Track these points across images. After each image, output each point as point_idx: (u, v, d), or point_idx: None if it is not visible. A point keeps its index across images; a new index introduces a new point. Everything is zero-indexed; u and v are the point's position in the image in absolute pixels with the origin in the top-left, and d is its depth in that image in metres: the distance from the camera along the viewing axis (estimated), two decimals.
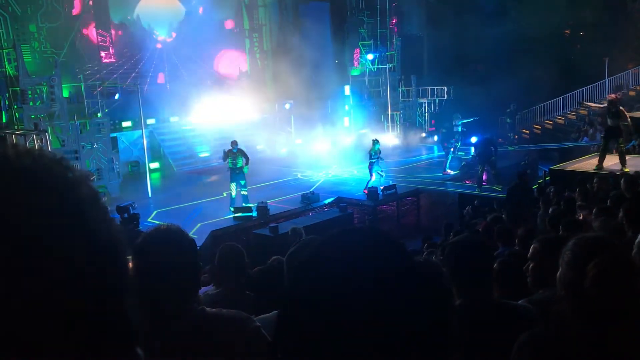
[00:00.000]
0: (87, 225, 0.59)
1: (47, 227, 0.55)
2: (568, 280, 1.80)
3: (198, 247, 2.01)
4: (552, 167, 14.51)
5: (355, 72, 29.48)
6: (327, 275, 0.82)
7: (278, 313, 0.87)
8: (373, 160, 16.54)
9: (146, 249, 1.86)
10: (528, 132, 27.32)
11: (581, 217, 6.31)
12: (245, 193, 15.27)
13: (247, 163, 15.03)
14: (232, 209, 14.80)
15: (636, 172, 9.55)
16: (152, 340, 1.70)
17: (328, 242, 0.88)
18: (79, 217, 0.59)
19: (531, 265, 3.22)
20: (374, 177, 16.61)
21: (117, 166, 18.27)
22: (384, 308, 0.79)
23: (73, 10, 22.57)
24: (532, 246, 3.27)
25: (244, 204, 14.95)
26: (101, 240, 0.60)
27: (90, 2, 23.00)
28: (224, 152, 15.15)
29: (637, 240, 3.56)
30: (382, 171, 16.82)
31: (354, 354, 0.77)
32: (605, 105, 13.21)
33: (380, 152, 16.70)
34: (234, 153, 14.89)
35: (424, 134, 27.71)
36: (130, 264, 1.79)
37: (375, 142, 16.76)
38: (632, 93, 24.93)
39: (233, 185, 15.05)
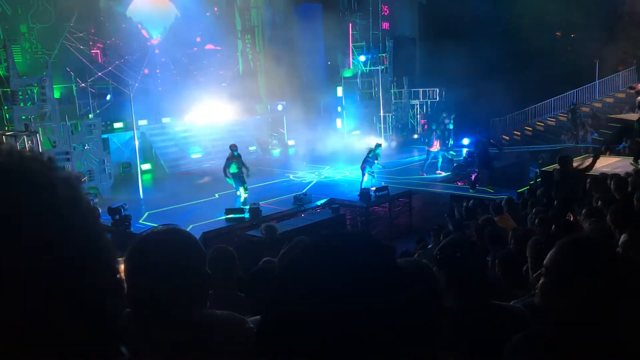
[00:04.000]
0: (63, 224, 0.58)
1: (14, 223, 0.55)
2: (556, 281, 1.80)
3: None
4: (542, 169, 14.57)
5: (347, 73, 29.50)
6: (313, 277, 0.83)
7: (264, 313, 0.87)
8: (369, 160, 16.52)
9: (147, 248, 1.82)
10: (519, 133, 27.44)
11: (572, 219, 6.32)
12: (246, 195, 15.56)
13: (248, 169, 15.12)
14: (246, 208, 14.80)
15: (626, 173, 9.59)
16: (145, 340, 1.69)
17: (315, 245, 0.88)
18: (55, 216, 0.58)
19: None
20: (366, 178, 16.64)
21: (109, 167, 18.18)
22: (369, 309, 0.79)
23: None
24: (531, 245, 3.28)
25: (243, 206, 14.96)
26: (79, 239, 0.59)
27: None
28: (228, 159, 15.01)
29: (620, 241, 3.57)
30: (373, 172, 16.84)
31: (340, 354, 0.78)
32: None
33: (377, 157, 16.74)
34: (236, 157, 14.94)
35: (416, 135, 27.79)
36: (122, 266, 1.77)
37: (378, 146, 16.88)
38: (621, 95, 25.11)
39: (242, 189, 15.21)
